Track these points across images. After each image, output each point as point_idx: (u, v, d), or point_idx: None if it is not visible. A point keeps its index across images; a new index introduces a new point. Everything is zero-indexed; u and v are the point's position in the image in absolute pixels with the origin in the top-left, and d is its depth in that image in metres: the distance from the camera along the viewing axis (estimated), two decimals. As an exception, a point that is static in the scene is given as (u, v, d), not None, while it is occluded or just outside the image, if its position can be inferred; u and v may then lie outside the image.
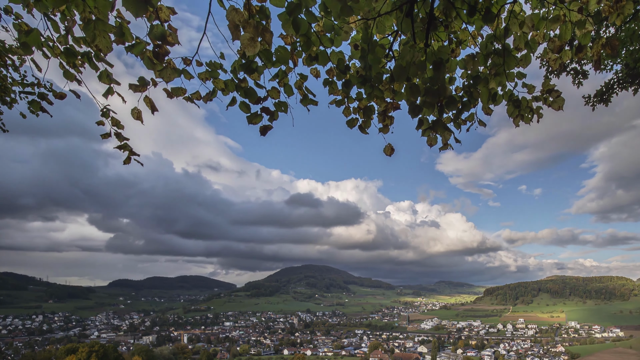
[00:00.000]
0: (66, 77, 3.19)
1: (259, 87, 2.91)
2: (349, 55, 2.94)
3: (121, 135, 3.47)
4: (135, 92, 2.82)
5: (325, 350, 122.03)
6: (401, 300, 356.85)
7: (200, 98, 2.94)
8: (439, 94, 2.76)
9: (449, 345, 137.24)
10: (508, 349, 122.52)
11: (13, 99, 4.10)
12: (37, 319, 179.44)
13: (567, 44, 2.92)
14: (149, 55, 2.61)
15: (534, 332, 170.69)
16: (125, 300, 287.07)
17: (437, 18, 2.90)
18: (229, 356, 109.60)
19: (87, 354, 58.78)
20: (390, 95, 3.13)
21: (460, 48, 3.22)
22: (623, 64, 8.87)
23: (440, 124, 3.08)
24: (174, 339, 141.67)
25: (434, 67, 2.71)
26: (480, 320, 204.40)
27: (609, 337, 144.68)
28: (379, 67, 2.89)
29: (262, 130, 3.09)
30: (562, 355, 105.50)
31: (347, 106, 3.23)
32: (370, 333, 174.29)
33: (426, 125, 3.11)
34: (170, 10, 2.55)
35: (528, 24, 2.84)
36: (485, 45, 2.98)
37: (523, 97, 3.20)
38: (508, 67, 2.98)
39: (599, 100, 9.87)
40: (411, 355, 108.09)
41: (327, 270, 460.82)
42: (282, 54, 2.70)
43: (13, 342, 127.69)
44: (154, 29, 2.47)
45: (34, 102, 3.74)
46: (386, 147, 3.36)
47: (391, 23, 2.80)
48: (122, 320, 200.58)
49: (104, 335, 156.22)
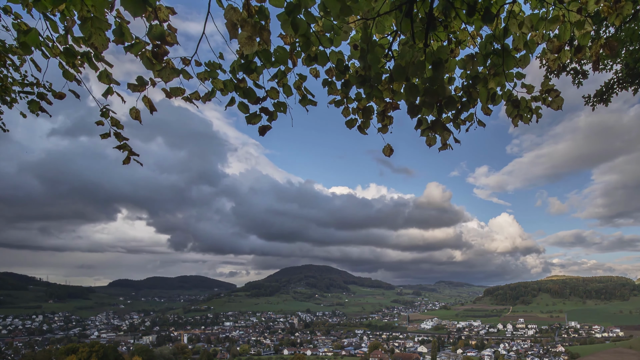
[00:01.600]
0: (66, 77, 3.19)
1: (258, 87, 2.91)
2: (348, 55, 2.94)
3: (121, 135, 3.46)
4: (133, 92, 2.82)
5: (325, 350, 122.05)
6: (401, 300, 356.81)
7: (199, 98, 2.94)
8: (438, 94, 2.76)
9: (449, 345, 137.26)
10: (508, 349, 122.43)
11: (13, 99, 4.10)
12: (37, 319, 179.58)
13: (566, 44, 2.93)
14: (147, 55, 2.61)
15: (534, 332, 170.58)
16: (125, 300, 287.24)
17: (436, 18, 2.90)
18: (229, 356, 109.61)
19: (87, 354, 58.83)
20: (389, 95, 3.13)
21: (459, 48, 3.22)
22: (623, 64, 8.87)
23: (440, 124, 3.08)
24: (174, 339, 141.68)
25: (433, 67, 2.71)
26: (480, 320, 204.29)
27: (609, 337, 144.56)
28: (378, 67, 2.88)
29: (260, 130, 3.10)
30: (562, 355, 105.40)
31: (347, 106, 3.23)
32: (370, 333, 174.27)
33: (425, 125, 3.11)
34: (169, 10, 2.55)
35: (527, 24, 2.84)
36: (485, 46, 2.98)
37: (522, 97, 3.19)
38: (507, 67, 2.98)
39: (599, 100, 9.88)
40: (411, 355, 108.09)
41: (327, 270, 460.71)
42: (281, 54, 2.70)
43: (13, 342, 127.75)
44: (152, 29, 2.47)
45: (32, 102, 3.74)
46: (385, 148, 3.36)
47: (390, 23, 2.80)
48: (122, 320, 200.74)
49: (104, 335, 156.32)
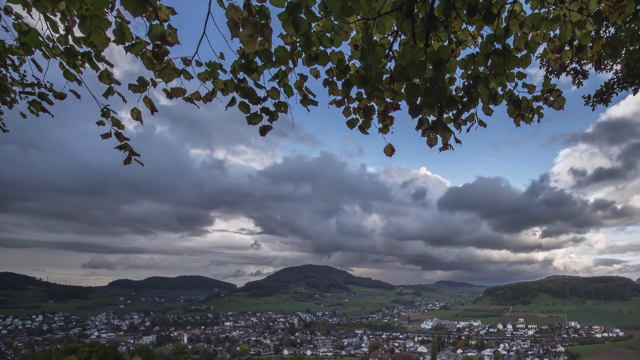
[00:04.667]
0: (66, 77, 3.19)
1: (258, 87, 2.91)
2: (349, 55, 2.94)
3: (121, 135, 3.46)
4: (134, 93, 2.82)
5: (325, 350, 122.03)
6: (401, 300, 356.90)
7: (199, 98, 2.93)
8: (439, 94, 2.75)
9: (449, 345, 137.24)
10: (508, 349, 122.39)
11: (13, 99, 4.10)
12: (37, 319, 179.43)
13: (567, 44, 2.92)
14: (148, 55, 2.61)
15: (534, 332, 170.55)
16: (125, 300, 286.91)
17: (437, 18, 2.90)
18: (229, 356, 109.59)
19: (88, 354, 58.87)
20: (390, 95, 3.13)
21: (460, 48, 3.21)
22: (623, 64, 8.87)
23: (440, 124, 3.07)
24: (174, 339, 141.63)
25: (434, 67, 2.71)
26: (480, 320, 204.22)
27: (609, 337, 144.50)
28: (379, 67, 2.88)
29: (261, 130, 3.09)
30: (562, 355, 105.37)
31: (347, 106, 3.23)
32: (370, 333, 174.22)
33: (426, 126, 3.10)
34: (169, 10, 2.55)
35: (528, 24, 2.84)
36: (486, 46, 2.97)
37: (523, 97, 3.19)
38: (508, 67, 2.98)
39: (599, 100, 9.88)
40: (411, 355, 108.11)
41: (327, 270, 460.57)
42: (281, 54, 2.69)
43: (13, 342, 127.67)
44: (153, 29, 2.47)
45: (34, 102, 3.75)
46: (386, 148, 3.36)
47: (391, 23, 2.80)
48: (122, 320, 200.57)
49: (104, 335, 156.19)
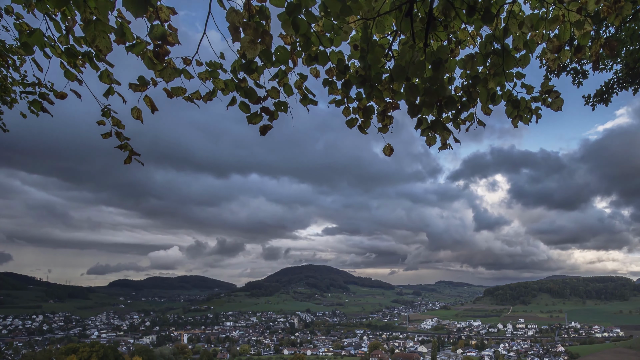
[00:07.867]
0: (67, 77, 3.20)
1: (258, 87, 2.92)
2: (349, 55, 2.95)
3: (122, 135, 3.48)
4: (135, 92, 2.84)
5: (325, 350, 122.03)
6: (401, 300, 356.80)
7: (200, 98, 2.95)
8: (438, 93, 2.77)
9: (449, 345, 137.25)
10: (508, 349, 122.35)
11: (13, 99, 4.12)
12: (37, 319, 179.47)
13: (566, 44, 2.93)
14: (149, 55, 2.63)
15: (534, 332, 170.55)
16: (125, 300, 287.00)
17: (436, 18, 2.91)
18: (229, 356, 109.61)
19: (88, 354, 58.88)
20: (389, 95, 3.14)
21: (459, 48, 3.22)
22: (623, 64, 8.88)
23: (439, 124, 3.09)
24: (174, 339, 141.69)
25: (433, 67, 2.72)
26: (480, 320, 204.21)
27: (609, 337, 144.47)
28: (379, 67, 2.90)
29: (262, 130, 3.11)
30: (562, 355, 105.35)
31: (347, 106, 3.24)
32: (371, 333, 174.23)
33: (425, 125, 3.12)
34: (170, 10, 2.56)
35: (527, 24, 2.85)
36: (485, 45, 2.98)
37: (522, 98, 3.20)
38: (507, 67, 2.99)
39: (599, 100, 9.89)
40: (411, 355, 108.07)
41: (327, 270, 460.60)
42: (281, 54, 2.71)
43: (13, 342, 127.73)
44: (154, 29, 2.48)
45: (35, 102, 3.76)
46: (385, 147, 3.37)
47: (390, 23, 2.81)
48: (122, 320, 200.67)
49: (104, 335, 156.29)
